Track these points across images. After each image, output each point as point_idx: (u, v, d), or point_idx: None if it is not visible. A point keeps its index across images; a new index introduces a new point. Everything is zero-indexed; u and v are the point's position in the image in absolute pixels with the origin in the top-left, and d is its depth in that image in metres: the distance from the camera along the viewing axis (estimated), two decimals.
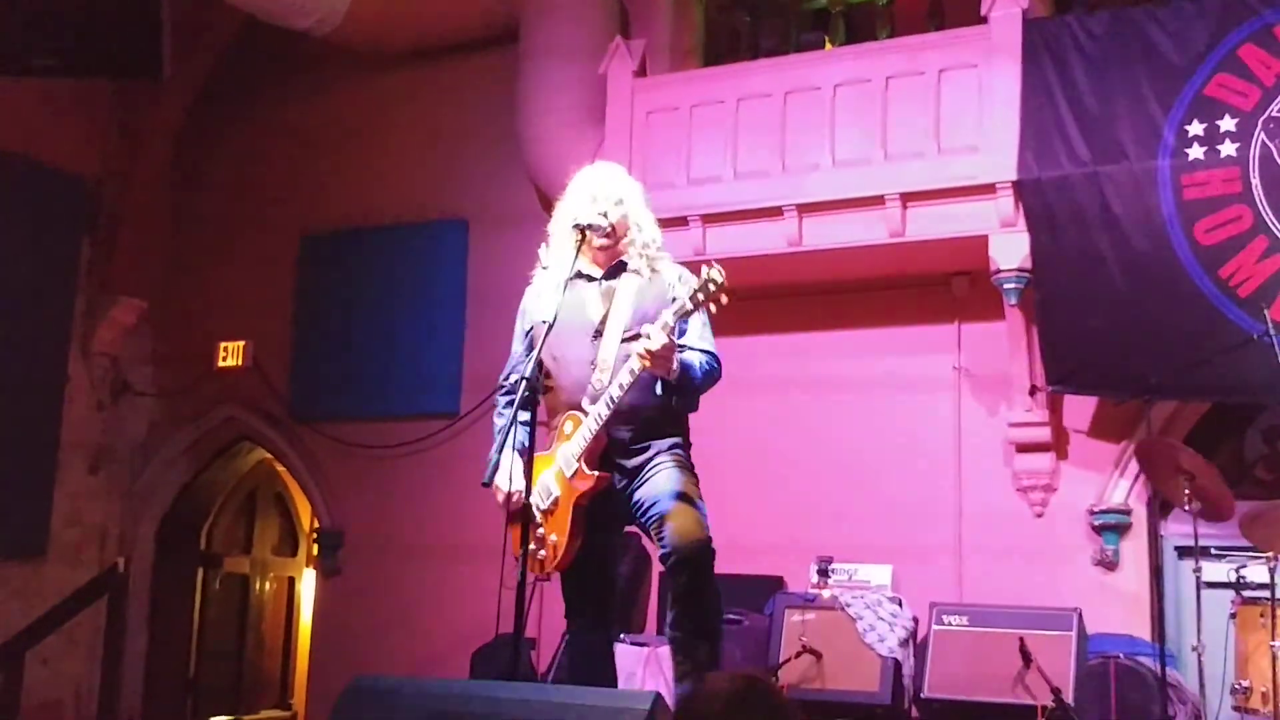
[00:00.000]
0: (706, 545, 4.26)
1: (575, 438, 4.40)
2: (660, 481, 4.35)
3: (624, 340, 4.40)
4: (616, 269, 4.60)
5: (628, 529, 4.63)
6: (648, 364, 4.18)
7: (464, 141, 10.03)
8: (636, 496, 4.39)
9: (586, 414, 4.38)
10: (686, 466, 4.46)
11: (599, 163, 4.98)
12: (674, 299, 4.42)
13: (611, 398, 4.30)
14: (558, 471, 4.44)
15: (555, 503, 4.44)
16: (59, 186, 10.16)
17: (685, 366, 4.31)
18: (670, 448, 4.45)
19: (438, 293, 9.85)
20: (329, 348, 10.18)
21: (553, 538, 4.42)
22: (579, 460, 4.38)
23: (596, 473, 4.36)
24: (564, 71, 8.95)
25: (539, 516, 4.44)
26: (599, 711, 3.32)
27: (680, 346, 4.35)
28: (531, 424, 4.27)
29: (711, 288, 4.10)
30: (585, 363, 4.47)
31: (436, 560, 9.35)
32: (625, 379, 4.26)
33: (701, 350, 4.44)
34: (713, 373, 4.46)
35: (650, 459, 4.42)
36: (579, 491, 4.38)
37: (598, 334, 4.48)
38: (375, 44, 9.97)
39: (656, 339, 4.14)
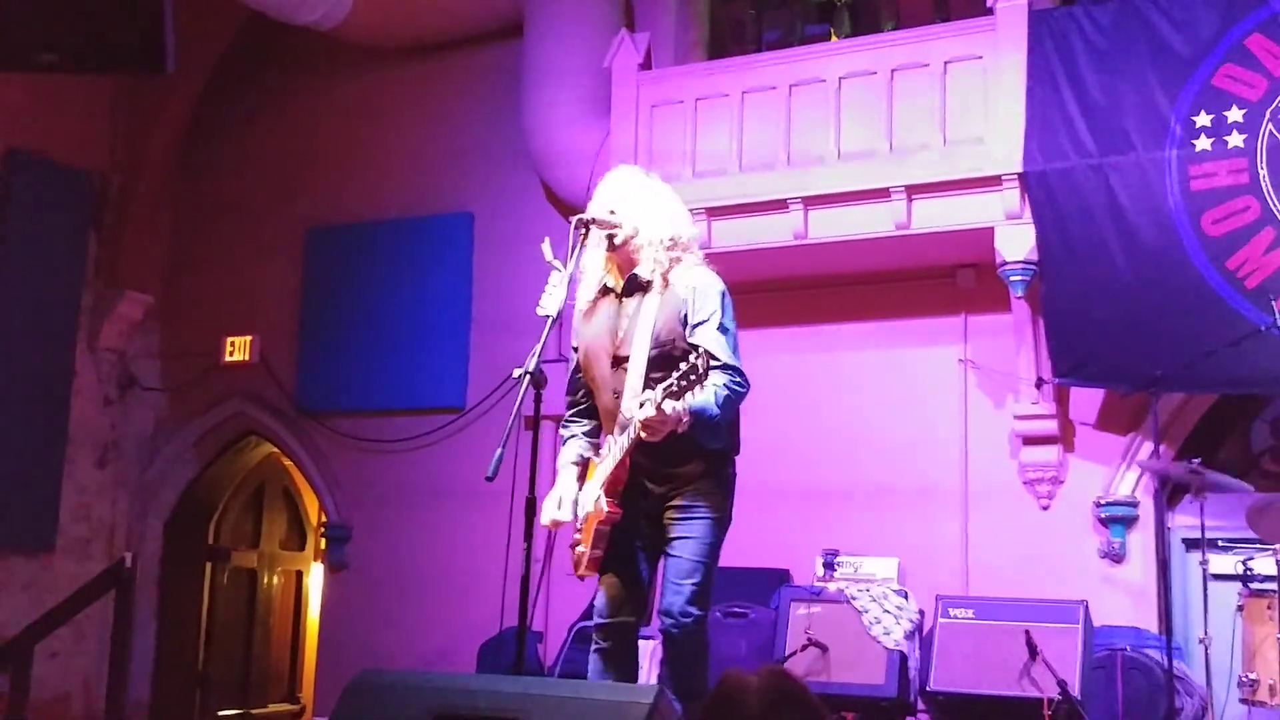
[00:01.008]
0: (697, 629, 4.37)
1: (605, 457, 4.48)
2: (688, 542, 4.41)
3: (649, 367, 4.40)
4: (632, 283, 4.58)
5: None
6: (644, 435, 4.19)
7: (469, 134, 10.03)
8: (668, 534, 4.46)
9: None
10: (717, 510, 4.47)
11: (619, 166, 4.99)
12: (685, 316, 4.45)
13: (623, 447, 4.34)
14: (595, 489, 4.49)
15: (586, 517, 4.49)
16: (65, 182, 10.17)
17: (697, 412, 4.25)
18: (704, 475, 4.47)
19: (443, 286, 9.85)
20: (335, 342, 10.18)
21: (581, 548, 4.50)
22: (600, 489, 4.43)
23: (608, 509, 4.40)
24: (569, 64, 8.96)
25: (577, 523, 4.54)
26: (602, 705, 3.31)
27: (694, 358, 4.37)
28: (518, 418, 4.30)
29: (693, 377, 4.05)
30: (609, 390, 4.53)
31: (443, 553, 9.37)
32: (624, 442, 4.31)
33: (720, 369, 4.36)
34: (733, 397, 4.40)
35: (682, 487, 4.45)
36: (599, 518, 4.43)
37: (616, 361, 4.50)
38: (380, 38, 9.98)
39: (644, 413, 4.12)
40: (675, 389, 4.05)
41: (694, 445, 4.38)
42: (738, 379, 4.41)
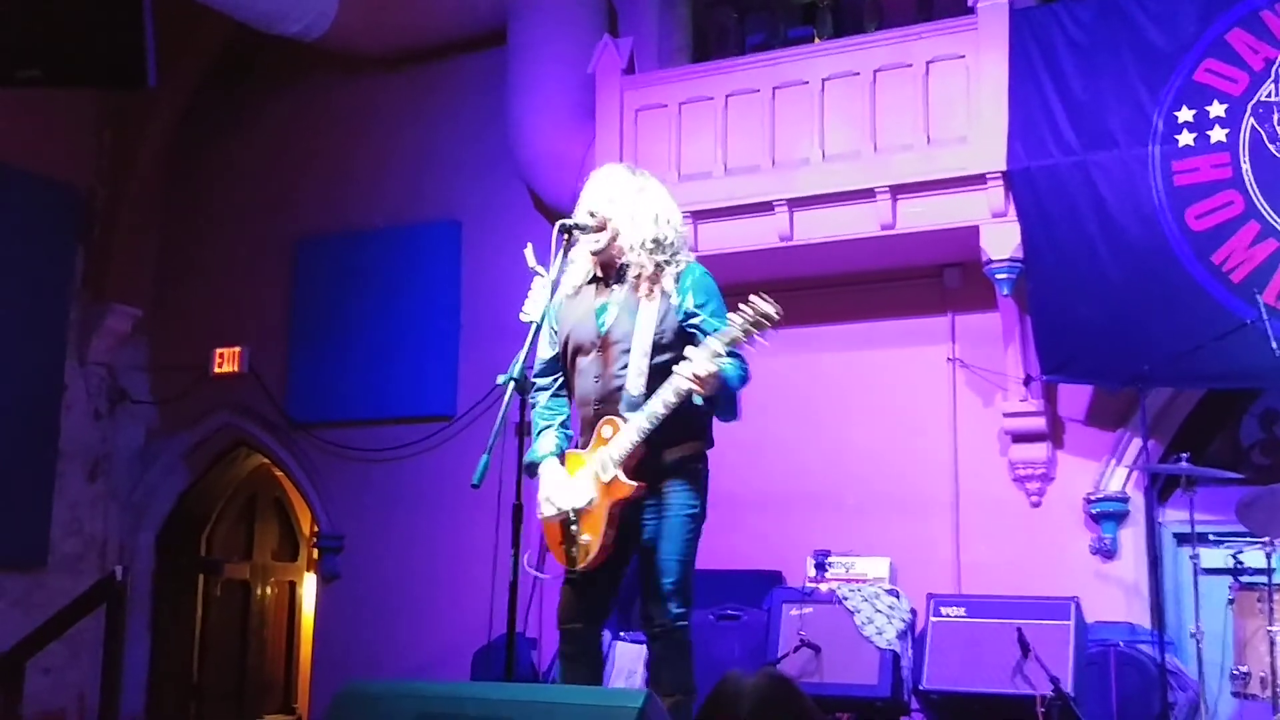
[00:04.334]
0: (676, 627, 4.36)
1: (613, 444, 4.38)
2: (664, 541, 4.39)
3: (654, 357, 4.40)
4: (621, 276, 4.56)
5: None
6: (696, 389, 4.19)
7: (455, 142, 10.04)
8: (643, 535, 4.42)
9: (625, 420, 4.38)
10: (692, 506, 4.45)
11: (603, 165, 4.94)
12: (685, 313, 4.44)
13: (656, 415, 4.29)
14: (595, 473, 4.42)
15: (591, 503, 4.42)
16: (52, 196, 10.17)
17: (723, 379, 4.26)
18: (679, 467, 4.44)
19: (432, 294, 9.85)
20: (324, 352, 10.18)
21: (585, 537, 4.42)
22: (617, 468, 4.36)
23: (635, 483, 4.36)
24: (553, 71, 8.96)
25: (573, 515, 4.45)
26: (590, 710, 3.31)
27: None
28: (503, 425, 4.28)
29: (766, 323, 4.11)
30: (590, 375, 4.49)
31: (436, 561, 9.37)
32: (670, 398, 4.26)
33: (730, 355, 4.37)
34: (745, 375, 4.42)
35: (662, 478, 4.41)
36: (616, 498, 4.38)
37: (602, 348, 4.48)
38: (365, 47, 9.98)
39: (701, 365, 4.15)
40: (739, 337, 4.13)
41: (676, 431, 4.37)
42: (745, 364, 4.43)
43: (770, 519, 8.29)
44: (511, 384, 4.33)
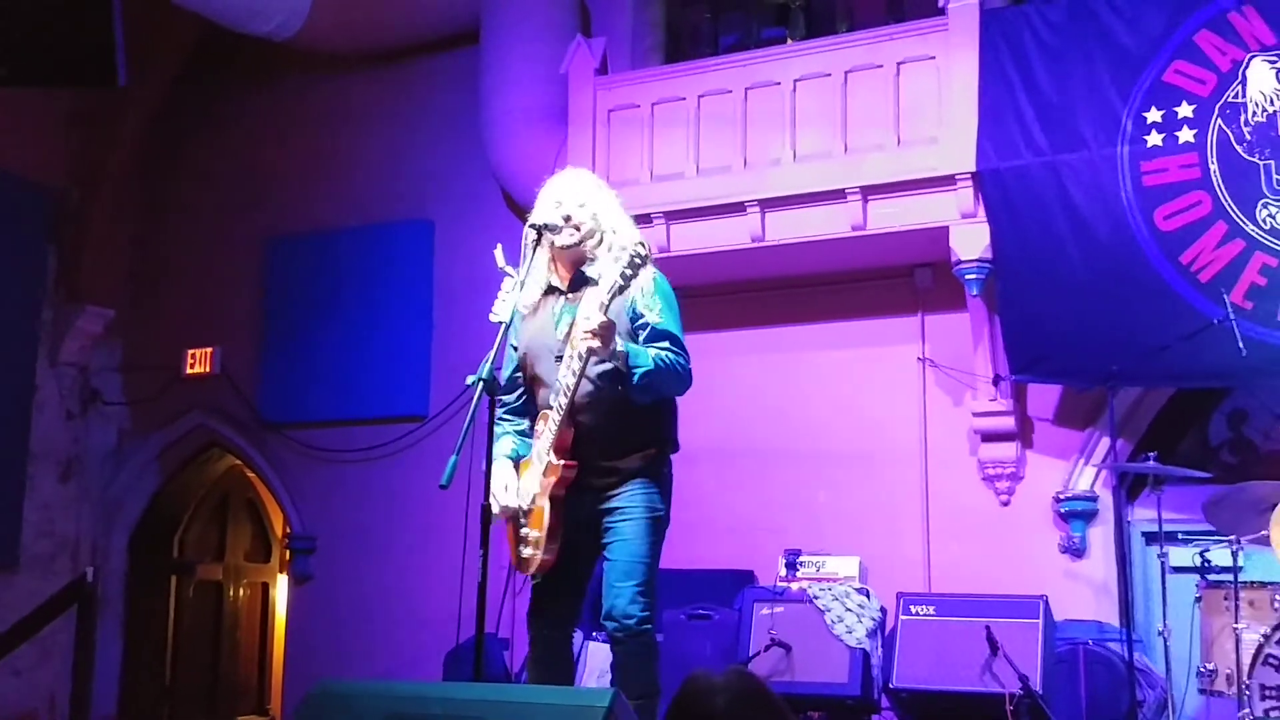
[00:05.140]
0: (640, 630, 4.32)
1: (544, 433, 4.41)
2: (626, 543, 4.37)
3: (598, 362, 4.35)
4: (580, 281, 4.54)
5: None
6: (591, 342, 4.15)
7: (428, 142, 10.03)
8: (605, 539, 4.42)
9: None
10: (654, 509, 4.42)
11: (567, 168, 4.95)
12: (633, 313, 4.40)
13: (567, 386, 4.30)
14: (538, 471, 4.43)
15: (533, 500, 4.43)
16: (25, 195, 10.11)
17: (629, 354, 4.24)
18: (641, 471, 4.42)
19: (404, 294, 9.83)
20: (296, 352, 10.15)
21: (535, 534, 4.42)
22: (549, 453, 4.37)
23: (563, 462, 4.36)
24: (525, 71, 8.96)
25: (522, 517, 4.47)
26: (558, 710, 3.32)
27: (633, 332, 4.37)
28: (472, 425, 4.27)
29: (638, 261, 4.13)
30: (552, 386, 4.47)
31: (409, 562, 9.35)
32: (575, 365, 4.26)
33: (662, 347, 4.34)
34: (671, 368, 4.33)
35: (621, 487, 4.41)
36: (552, 479, 4.37)
37: (559, 357, 4.47)
38: (337, 47, 9.95)
39: (594, 318, 4.12)
40: (620, 285, 4.14)
41: (634, 435, 4.39)
42: (681, 357, 4.38)
43: (741, 519, 8.31)
44: (481, 385, 4.32)
